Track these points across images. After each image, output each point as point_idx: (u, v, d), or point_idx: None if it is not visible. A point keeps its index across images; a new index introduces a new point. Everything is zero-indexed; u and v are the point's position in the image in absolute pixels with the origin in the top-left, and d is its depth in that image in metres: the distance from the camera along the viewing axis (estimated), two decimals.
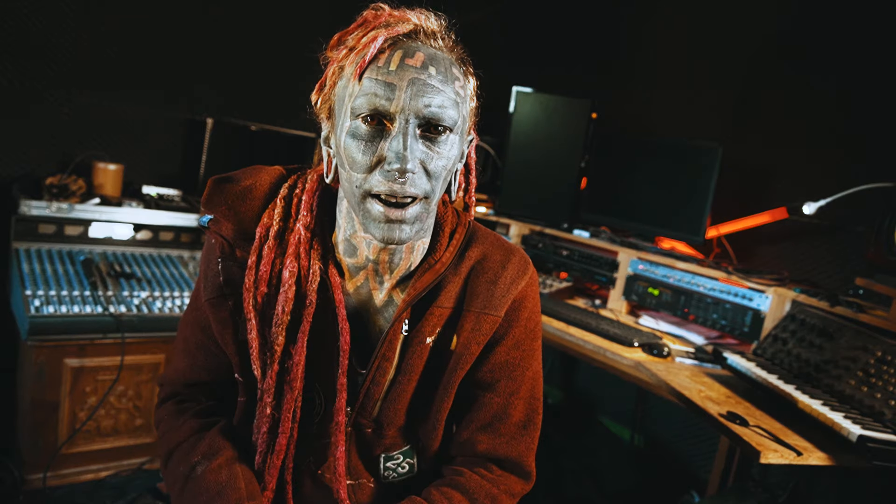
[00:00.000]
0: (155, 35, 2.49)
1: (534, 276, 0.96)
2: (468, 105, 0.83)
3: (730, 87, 2.54)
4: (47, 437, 1.96)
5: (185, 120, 2.65)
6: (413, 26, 0.78)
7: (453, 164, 0.82)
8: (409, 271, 0.89)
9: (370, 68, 0.76)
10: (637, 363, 1.78)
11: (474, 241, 0.93)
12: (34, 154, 2.33)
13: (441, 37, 0.80)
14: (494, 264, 0.92)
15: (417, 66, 0.75)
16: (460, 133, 0.82)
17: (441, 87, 0.76)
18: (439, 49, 0.79)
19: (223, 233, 0.89)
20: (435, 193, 0.80)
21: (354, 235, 0.86)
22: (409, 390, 0.90)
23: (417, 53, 0.76)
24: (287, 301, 0.84)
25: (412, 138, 0.75)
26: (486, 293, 0.90)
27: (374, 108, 0.75)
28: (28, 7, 2.21)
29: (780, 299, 1.93)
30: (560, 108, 2.62)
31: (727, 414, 1.41)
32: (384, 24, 0.78)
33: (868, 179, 1.90)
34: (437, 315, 0.89)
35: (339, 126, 0.80)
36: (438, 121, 0.76)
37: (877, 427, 1.35)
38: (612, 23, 3.07)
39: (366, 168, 0.76)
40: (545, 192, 2.67)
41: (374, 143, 0.76)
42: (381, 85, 0.75)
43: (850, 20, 2.19)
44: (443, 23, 0.82)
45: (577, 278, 2.56)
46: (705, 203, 2.24)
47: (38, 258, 2.07)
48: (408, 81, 0.74)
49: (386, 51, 0.76)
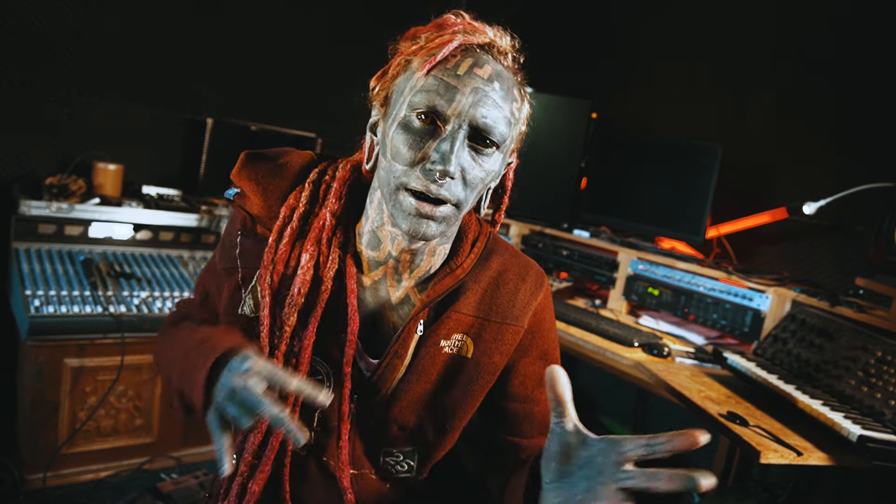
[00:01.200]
0: (155, 35, 2.49)
1: (549, 288, 1.00)
2: (519, 128, 0.86)
3: (730, 87, 2.54)
4: (47, 437, 1.96)
5: (185, 120, 2.65)
6: (489, 40, 0.80)
7: (490, 180, 0.83)
8: (427, 273, 0.91)
9: (438, 67, 0.77)
10: (637, 363, 1.78)
11: (495, 252, 0.96)
12: (34, 154, 2.33)
13: (511, 57, 0.83)
14: (514, 276, 0.95)
15: (484, 78, 0.77)
16: (505, 152, 0.84)
17: (501, 103, 0.78)
18: (507, 68, 0.81)
19: (247, 207, 0.90)
20: (467, 202, 0.81)
21: (381, 228, 0.87)
22: (419, 392, 0.90)
23: (486, 66, 0.78)
24: (303, 283, 0.85)
25: (460, 144, 0.76)
26: (508, 304, 0.93)
27: (433, 106, 0.76)
28: (28, 7, 2.21)
29: (780, 299, 1.93)
30: (560, 108, 2.62)
31: (727, 414, 1.41)
32: (462, 30, 0.80)
33: (868, 179, 1.90)
34: (455, 320, 0.90)
35: (392, 115, 0.81)
36: (489, 134, 0.78)
37: (877, 427, 1.35)
38: (612, 23, 3.07)
39: (408, 162, 0.77)
40: (545, 192, 2.67)
41: (423, 140, 0.77)
42: (444, 85, 0.76)
43: (850, 20, 2.19)
44: (516, 44, 0.84)
45: (577, 278, 2.55)
46: (705, 203, 2.24)
47: (37, 258, 2.07)
48: (471, 89, 0.76)
49: (458, 55, 0.78)
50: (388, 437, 0.92)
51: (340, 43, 2.90)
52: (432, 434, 0.94)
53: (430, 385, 0.91)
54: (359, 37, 2.90)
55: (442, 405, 0.92)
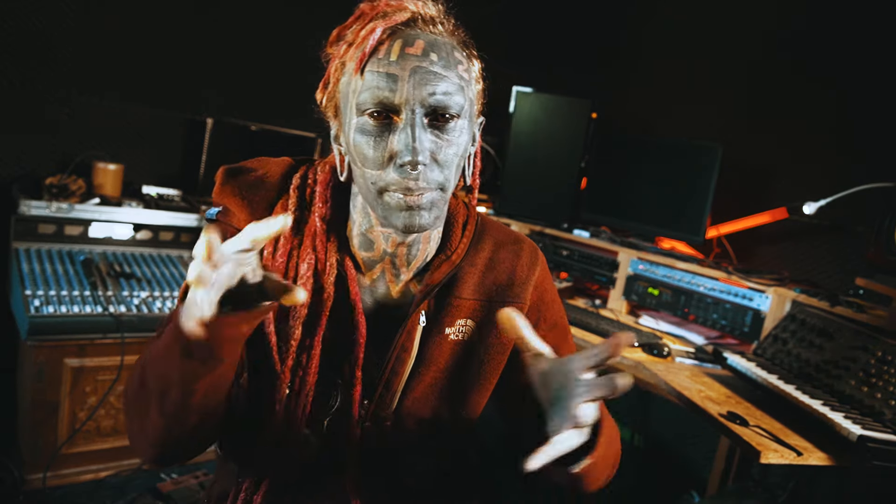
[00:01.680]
0: (155, 35, 2.49)
1: (543, 259, 0.99)
2: (474, 88, 0.82)
3: (730, 87, 2.54)
4: (47, 437, 1.96)
5: (185, 120, 2.65)
6: (410, 14, 0.77)
7: (465, 150, 0.81)
8: (425, 262, 0.90)
9: (371, 61, 0.75)
10: (637, 363, 1.78)
11: (486, 233, 0.95)
12: (34, 154, 2.33)
13: (440, 21, 0.79)
14: (509, 254, 0.94)
15: (418, 54, 0.74)
16: (469, 117, 0.80)
17: (444, 72, 0.75)
18: (439, 34, 0.78)
19: (235, 223, 0.87)
20: (449, 182, 0.79)
21: (371, 230, 0.86)
22: (430, 382, 0.90)
23: (417, 41, 0.75)
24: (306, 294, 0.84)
25: (420, 129, 0.74)
26: (507, 282, 0.92)
27: (379, 102, 0.74)
28: (28, 7, 2.21)
29: (780, 299, 1.93)
30: (560, 108, 2.62)
31: (727, 414, 1.41)
32: (381, 14, 0.76)
33: (868, 179, 1.90)
34: (456, 306, 0.89)
35: (347, 123, 0.79)
36: (445, 108, 0.76)
37: (877, 427, 1.35)
38: (612, 23, 3.07)
39: (378, 164, 0.76)
40: (545, 192, 2.66)
41: (384, 137, 0.75)
42: (382, 77, 0.74)
43: (850, 20, 2.19)
44: (441, 7, 0.80)
45: (577, 278, 2.55)
46: (705, 203, 2.24)
47: (37, 258, 2.07)
48: (410, 71, 0.73)
49: (385, 42, 0.75)
50: (405, 436, 0.91)
51: None
52: (450, 423, 0.93)
53: (440, 374, 0.90)
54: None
55: (455, 393, 0.92)
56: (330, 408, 0.88)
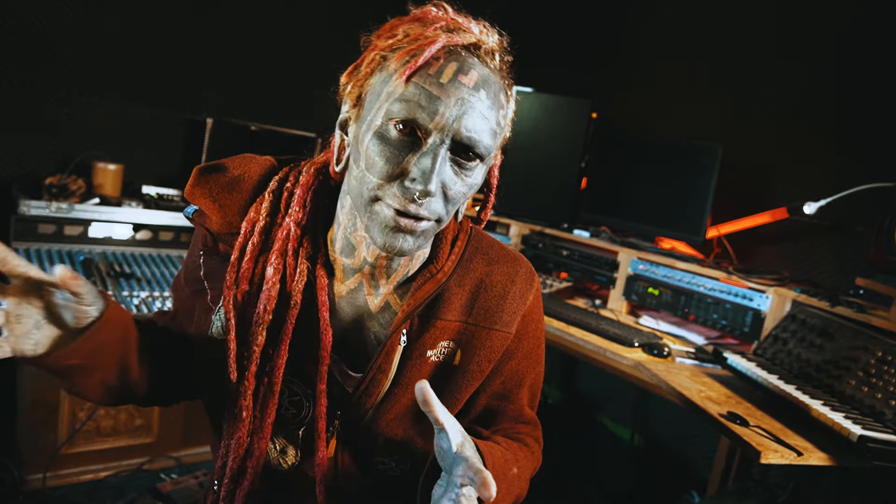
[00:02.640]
0: (155, 35, 2.49)
1: (538, 285, 0.95)
2: (503, 135, 0.79)
3: (730, 87, 2.54)
4: (47, 437, 1.96)
5: (185, 120, 2.65)
6: (475, 40, 0.73)
7: (472, 192, 0.79)
8: (406, 277, 0.86)
9: (419, 73, 0.70)
10: (637, 363, 1.78)
11: (479, 252, 0.90)
12: (34, 154, 2.33)
13: (499, 57, 0.76)
14: (503, 277, 0.89)
15: (469, 87, 0.71)
16: (488, 163, 0.78)
17: (487, 114, 0.72)
18: (493, 70, 0.74)
19: (207, 225, 0.85)
20: (448, 217, 0.77)
21: (354, 234, 0.82)
22: (405, 403, 0.86)
23: (472, 71, 0.71)
24: (269, 300, 0.81)
25: (442, 160, 0.71)
26: (497, 309, 0.88)
27: (413, 118, 0.70)
28: (28, 7, 2.20)
29: (781, 299, 1.93)
30: (560, 108, 2.62)
31: (727, 414, 1.41)
32: (445, 27, 0.73)
33: (868, 179, 1.90)
34: (440, 328, 0.85)
35: (367, 120, 0.74)
36: (474, 147, 0.72)
37: (877, 427, 1.35)
38: (612, 23, 3.07)
39: (385, 176, 0.72)
40: (545, 192, 2.66)
41: (402, 153, 0.71)
42: (426, 95, 0.69)
43: (849, 20, 2.19)
44: (503, 42, 0.77)
45: (577, 278, 2.55)
46: (705, 203, 2.24)
47: (37, 258, 2.06)
48: (455, 100, 0.70)
49: (440, 59, 0.71)
50: (376, 450, 0.90)
51: (341, 43, 2.90)
52: (421, 443, 0.90)
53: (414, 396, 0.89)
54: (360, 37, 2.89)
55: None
56: (303, 418, 0.87)
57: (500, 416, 0.96)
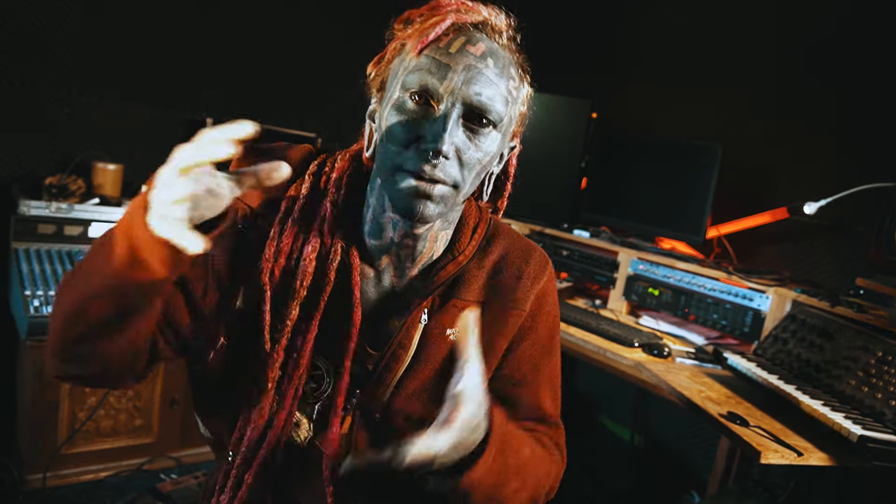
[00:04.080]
0: (155, 35, 2.49)
1: (552, 271, 0.98)
2: (518, 108, 0.84)
3: (730, 87, 2.54)
4: (47, 437, 1.96)
5: (185, 120, 2.65)
6: (483, 18, 0.79)
7: (490, 162, 0.82)
8: (430, 260, 0.90)
9: (431, 47, 0.76)
10: (637, 363, 1.78)
11: (497, 237, 0.95)
12: (34, 154, 2.33)
13: (507, 35, 0.81)
14: (518, 260, 0.94)
15: (477, 55, 0.76)
16: (504, 132, 0.82)
17: (495, 79, 0.77)
18: (502, 47, 0.80)
19: (247, 200, 0.88)
20: (465, 184, 0.79)
21: (383, 215, 0.86)
22: (423, 380, 0.90)
23: (479, 43, 0.77)
24: (306, 276, 0.84)
25: (454, 123, 0.75)
26: (511, 288, 0.92)
27: (425, 85, 0.75)
28: (28, 7, 2.20)
29: (781, 299, 1.93)
30: (560, 108, 2.62)
31: (727, 414, 1.41)
32: (455, 10, 0.79)
33: (868, 179, 1.90)
34: (459, 307, 0.89)
35: (388, 98, 0.80)
36: (485, 112, 0.77)
37: (877, 427, 1.35)
38: (612, 22, 3.07)
39: (402, 143, 0.77)
40: (545, 192, 2.66)
41: (417, 121, 0.76)
42: (436, 64, 0.75)
43: (849, 19, 2.19)
44: (512, 23, 0.82)
45: (577, 278, 2.55)
46: (705, 203, 2.24)
47: (37, 258, 2.06)
48: (463, 66, 0.75)
49: (450, 34, 0.77)
50: (393, 429, 0.91)
51: (341, 42, 2.90)
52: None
53: (433, 373, 0.90)
54: (360, 36, 2.89)
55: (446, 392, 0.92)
56: (321, 394, 0.89)
57: (518, 407, 0.97)
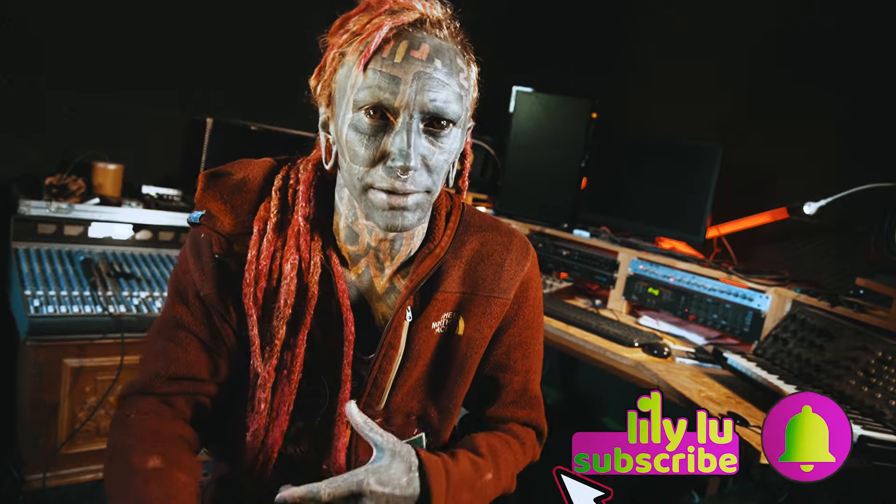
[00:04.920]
0: (155, 35, 2.49)
1: (534, 255, 0.99)
2: (471, 96, 0.83)
3: (730, 87, 2.53)
4: (47, 438, 1.96)
5: (185, 120, 2.65)
6: (419, 15, 0.77)
7: (454, 157, 0.82)
8: (409, 257, 0.90)
9: (374, 59, 0.74)
10: (637, 363, 1.78)
11: (472, 225, 0.94)
12: (34, 154, 2.33)
13: (446, 25, 0.79)
14: (498, 247, 0.94)
15: (423, 59, 0.74)
16: (462, 125, 0.82)
17: (447, 80, 0.76)
18: (444, 39, 0.78)
19: (219, 228, 0.87)
20: (437, 186, 0.80)
21: (356, 223, 0.86)
22: (417, 376, 0.91)
23: (423, 45, 0.75)
24: (289, 294, 0.84)
25: (416, 134, 0.75)
26: (494, 277, 0.92)
27: (378, 102, 0.74)
28: (28, 7, 2.20)
29: (781, 299, 1.93)
30: (560, 108, 2.62)
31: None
32: (389, 10, 0.76)
33: (868, 179, 1.90)
34: (441, 300, 0.89)
35: (341, 116, 0.79)
36: (443, 116, 0.76)
37: (877, 427, 1.35)
38: (612, 22, 3.07)
39: (368, 162, 0.76)
40: (545, 191, 2.66)
41: (377, 137, 0.75)
42: (385, 77, 0.73)
43: (850, 19, 2.19)
44: (447, 10, 0.81)
45: (577, 278, 2.55)
46: (705, 203, 2.24)
47: (37, 258, 2.06)
48: (413, 75, 0.73)
49: (391, 41, 0.74)
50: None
51: None
52: (436, 416, 0.95)
53: (426, 368, 0.91)
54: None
55: (441, 385, 0.93)
56: (320, 406, 0.89)
57: (503, 391, 0.99)
